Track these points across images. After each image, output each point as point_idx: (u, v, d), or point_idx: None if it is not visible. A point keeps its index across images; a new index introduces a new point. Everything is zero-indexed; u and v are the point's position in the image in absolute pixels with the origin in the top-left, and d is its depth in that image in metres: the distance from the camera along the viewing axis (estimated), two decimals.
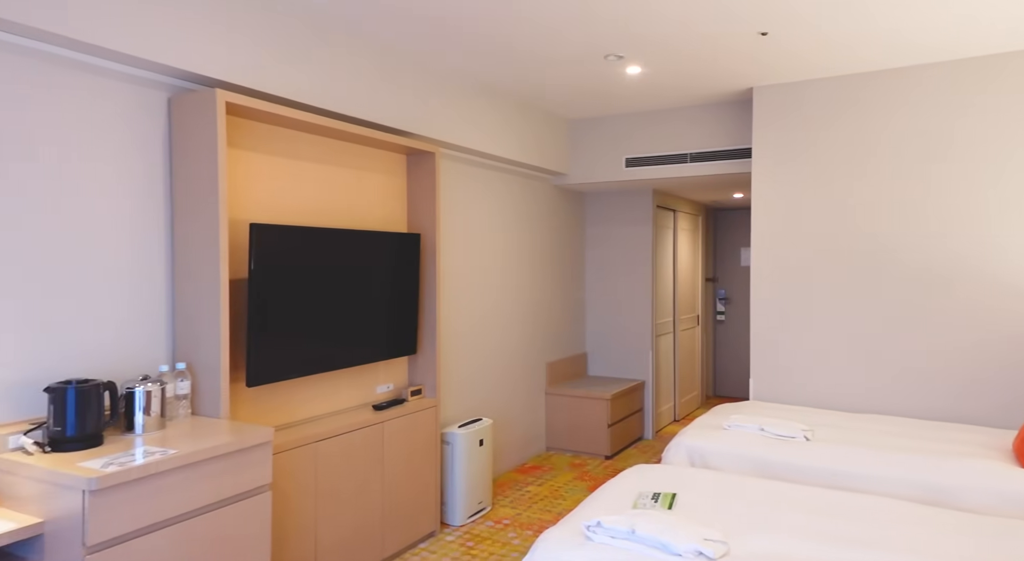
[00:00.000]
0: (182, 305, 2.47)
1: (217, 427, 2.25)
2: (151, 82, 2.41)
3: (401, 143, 3.27)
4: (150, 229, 2.42)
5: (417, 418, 3.34)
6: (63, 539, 1.75)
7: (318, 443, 2.77)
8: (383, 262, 3.22)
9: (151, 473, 1.85)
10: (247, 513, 2.15)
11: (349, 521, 2.91)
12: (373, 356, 3.18)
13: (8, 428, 1.96)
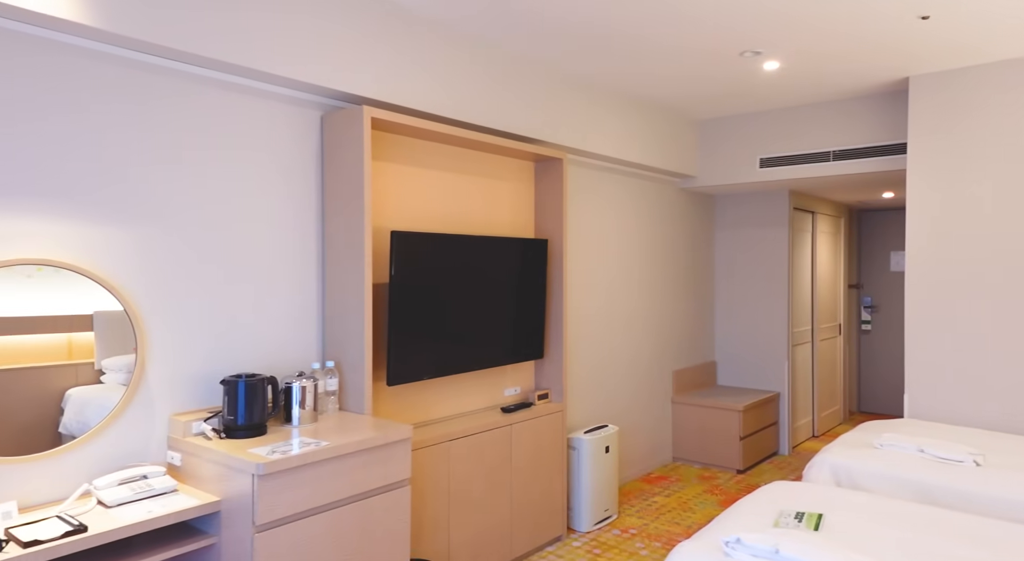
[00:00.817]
0: (331, 308, 2.67)
1: (362, 422, 2.40)
2: (308, 102, 2.63)
3: (529, 150, 3.33)
4: (305, 239, 2.64)
5: (544, 422, 3.37)
6: (236, 517, 1.95)
7: (451, 442, 2.88)
8: (512, 267, 3.29)
9: (308, 462, 2.01)
10: (389, 505, 2.27)
11: (479, 519, 3.00)
12: (501, 359, 3.26)
13: (192, 415, 2.21)
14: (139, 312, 2.15)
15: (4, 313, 1.85)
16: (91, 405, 2.02)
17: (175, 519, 1.89)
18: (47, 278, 1.93)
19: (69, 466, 1.99)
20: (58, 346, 1.95)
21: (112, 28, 1.95)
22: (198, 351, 2.30)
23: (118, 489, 1.95)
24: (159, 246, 2.21)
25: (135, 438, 2.14)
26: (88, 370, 2.02)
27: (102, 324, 2.04)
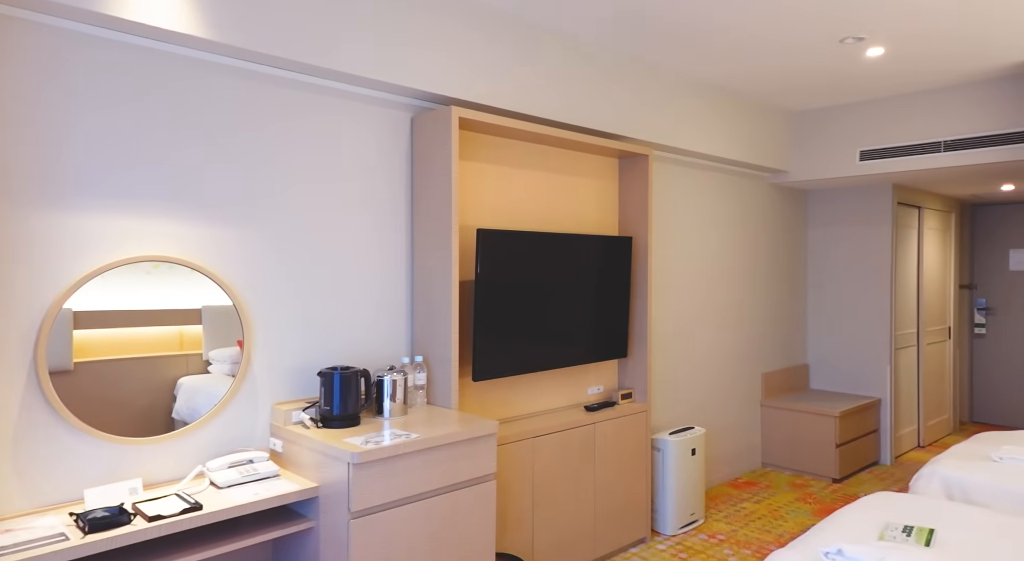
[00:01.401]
0: (419, 304, 2.74)
1: (449, 416, 2.46)
2: (399, 104, 2.71)
3: (614, 147, 3.29)
4: (395, 237, 2.72)
5: (627, 422, 3.33)
6: (333, 503, 2.04)
7: (535, 439, 2.90)
8: (595, 265, 3.26)
9: (399, 453, 2.08)
10: (476, 498, 2.31)
11: (563, 517, 3.00)
12: (585, 358, 3.24)
13: (291, 405, 2.33)
14: (246, 307, 2.29)
15: (126, 306, 2.02)
16: (200, 393, 2.17)
17: (278, 502, 2.00)
18: (162, 275, 2.09)
19: (184, 448, 2.15)
20: (171, 338, 2.10)
21: (221, 38, 2.08)
22: (296, 344, 2.42)
23: (228, 472, 2.09)
24: (261, 245, 2.34)
25: (241, 424, 2.28)
26: (197, 360, 2.16)
27: (209, 318, 2.18)
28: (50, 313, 1.88)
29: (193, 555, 1.83)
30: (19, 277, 1.85)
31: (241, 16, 2.12)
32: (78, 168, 1.95)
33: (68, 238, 1.93)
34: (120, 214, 2.02)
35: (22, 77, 1.85)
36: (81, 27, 1.94)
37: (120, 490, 1.91)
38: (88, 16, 1.89)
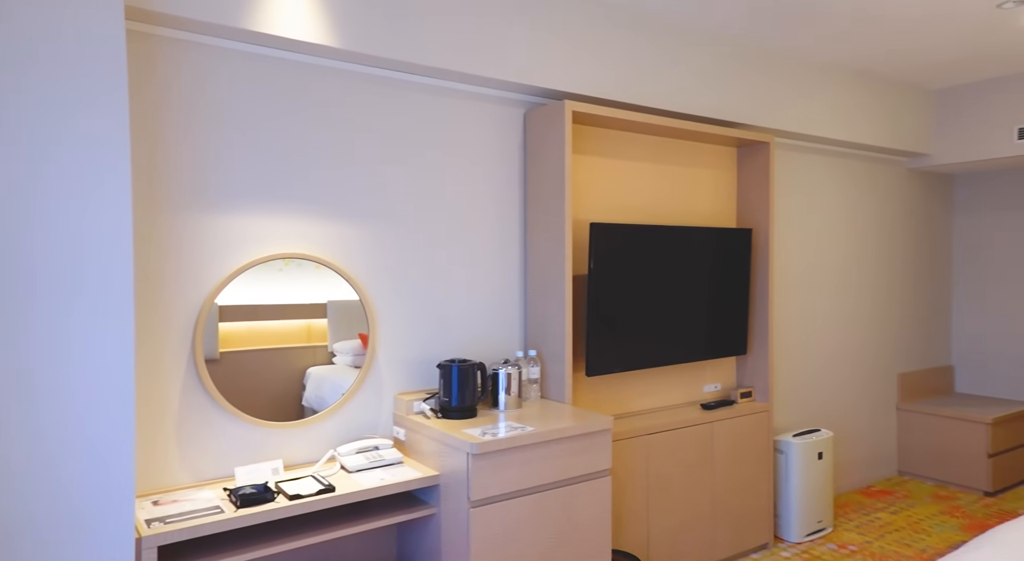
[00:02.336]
0: (533, 298, 2.77)
1: (563, 411, 2.46)
2: (512, 101, 2.74)
3: (732, 135, 3.15)
4: (509, 232, 2.76)
5: (747, 421, 3.19)
6: (453, 492, 2.11)
7: (650, 436, 2.84)
8: (712, 259, 3.15)
9: (516, 445, 2.11)
10: (591, 493, 2.30)
11: (678, 517, 2.92)
12: (701, 354, 3.14)
13: (412, 395, 2.43)
14: (370, 300, 2.41)
15: (261, 301, 2.18)
16: (326, 382, 2.31)
17: (403, 488, 2.10)
18: (292, 272, 2.24)
19: (317, 433, 2.30)
20: (300, 330, 2.26)
21: (349, 46, 2.20)
22: (416, 336, 2.52)
23: (356, 457, 2.21)
24: (383, 241, 2.45)
25: (367, 412, 2.41)
26: (323, 352, 2.31)
27: (333, 312, 2.32)
28: (205, 306, 2.08)
29: (326, 534, 1.96)
30: (180, 274, 2.05)
31: (367, 26, 2.23)
32: (225, 176, 2.13)
33: (218, 238, 2.12)
34: (259, 216, 2.20)
35: (177, 93, 2.05)
36: (226, 43, 2.12)
37: (264, 469, 2.08)
38: (233, 33, 2.06)
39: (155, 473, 2.01)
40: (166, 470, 2.02)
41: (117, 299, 1.60)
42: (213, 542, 1.87)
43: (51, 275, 1.54)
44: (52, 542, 1.54)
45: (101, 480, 1.59)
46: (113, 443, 1.60)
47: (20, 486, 1.51)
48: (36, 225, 1.53)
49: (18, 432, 1.51)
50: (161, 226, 2.03)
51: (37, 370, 1.52)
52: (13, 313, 1.50)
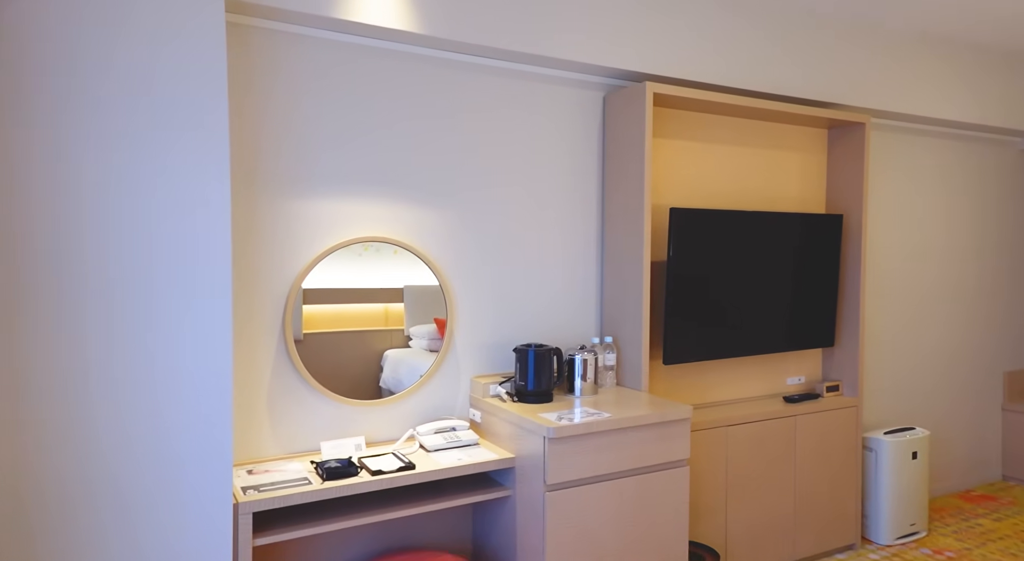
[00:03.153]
0: (609, 285, 2.73)
1: (639, 399, 2.43)
2: (591, 84, 2.71)
3: (823, 116, 2.99)
4: (586, 217, 2.74)
5: (834, 417, 3.05)
6: (528, 474, 2.13)
7: (728, 427, 2.76)
8: (798, 246, 3.01)
9: (592, 431, 2.10)
10: (668, 483, 2.26)
11: (758, 512, 2.84)
12: (785, 345, 3.01)
13: (488, 378, 2.46)
14: (449, 283, 2.45)
15: (341, 285, 2.25)
16: (402, 365, 2.37)
17: (480, 469, 2.13)
18: (370, 257, 2.30)
19: (397, 413, 2.37)
20: (377, 314, 2.32)
21: (431, 32, 2.22)
22: (492, 320, 2.55)
23: (434, 437, 2.26)
24: (460, 226, 2.48)
25: (444, 394, 2.45)
26: (399, 336, 2.36)
27: (410, 297, 2.37)
28: (293, 288, 2.17)
29: (406, 510, 2.02)
30: (270, 259, 2.15)
31: (455, 12, 2.24)
32: (310, 162, 2.21)
33: (306, 222, 2.20)
34: (343, 201, 2.26)
35: (266, 80, 2.14)
36: (314, 32, 2.18)
37: (348, 445, 2.16)
38: (321, 22, 2.12)
39: (249, 445, 2.12)
40: (259, 442, 2.14)
41: (218, 288, 1.70)
42: (300, 511, 1.96)
43: (164, 270, 1.64)
44: (164, 504, 1.65)
45: (205, 450, 1.69)
46: (214, 417, 1.70)
47: (139, 455, 1.63)
48: (143, 219, 1.63)
49: (139, 408, 1.63)
50: (253, 213, 2.13)
51: (157, 355, 1.64)
52: (135, 304, 1.61)
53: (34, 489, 1.53)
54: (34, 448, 1.53)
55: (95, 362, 1.59)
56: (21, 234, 1.52)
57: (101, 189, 1.59)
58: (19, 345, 1.52)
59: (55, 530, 1.56)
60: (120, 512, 1.62)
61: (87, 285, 1.58)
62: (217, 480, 1.71)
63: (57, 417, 1.55)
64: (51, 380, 1.55)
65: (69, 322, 1.56)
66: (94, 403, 1.59)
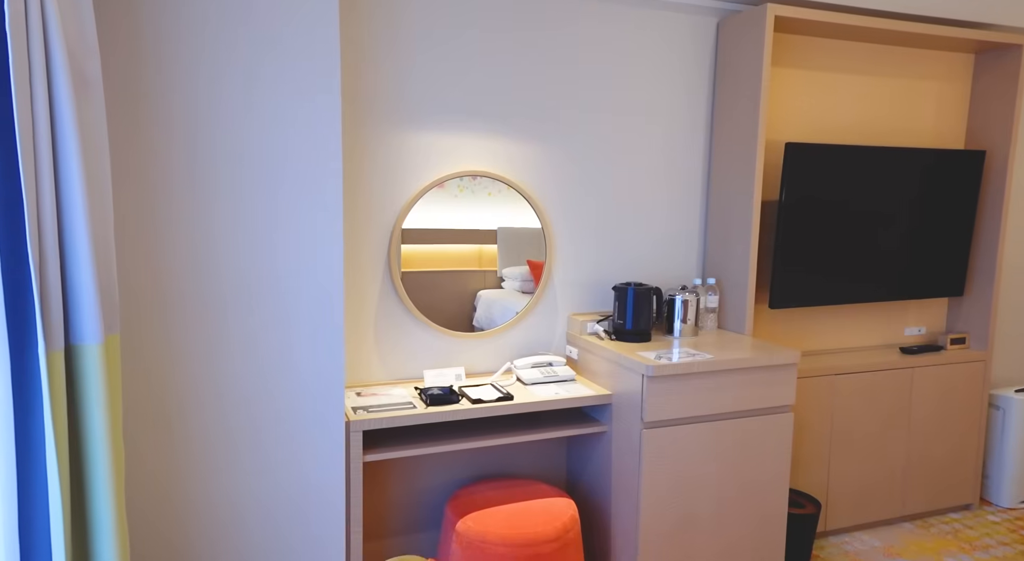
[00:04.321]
0: (715, 224, 2.62)
1: (742, 342, 2.35)
2: (704, 9, 2.53)
3: (971, 38, 2.65)
4: (692, 153, 2.61)
5: (957, 371, 2.83)
6: (625, 412, 2.13)
7: (836, 376, 2.63)
8: (929, 185, 2.74)
9: (692, 371, 2.06)
10: (770, 428, 2.20)
11: (865, 465, 2.72)
12: (905, 292, 2.80)
13: (585, 316, 2.45)
14: (548, 218, 2.43)
15: (437, 225, 2.28)
16: (495, 305, 2.39)
17: (577, 403, 2.15)
18: (464, 199, 2.30)
19: (494, 347, 2.41)
20: (471, 255, 2.34)
21: None
22: (591, 258, 2.51)
23: (532, 371, 2.30)
24: (561, 161, 2.43)
25: (541, 330, 2.47)
26: (492, 277, 2.38)
27: (503, 238, 2.37)
28: (398, 221, 2.23)
29: (502, 439, 2.08)
30: (375, 189, 2.21)
31: None
32: (411, 94, 2.21)
33: (409, 155, 2.23)
34: (444, 133, 2.27)
35: (370, 12, 2.14)
36: None
37: (449, 374, 2.24)
38: None
39: (359, 370, 2.24)
40: (367, 368, 2.25)
41: (331, 219, 1.76)
42: (405, 433, 2.07)
43: (284, 192, 1.72)
44: (287, 421, 1.79)
45: (322, 373, 1.81)
46: (329, 342, 1.80)
47: (267, 369, 1.76)
48: (259, 146, 1.70)
49: (269, 329, 1.74)
50: (358, 142, 2.17)
51: (282, 276, 1.74)
52: (270, 229, 1.71)
53: (177, 410, 1.70)
54: (180, 373, 1.69)
55: (230, 288, 1.71)
56: (166, 154, 1.63)
57: (227, 116, 1.67)
58: (166, 265, 1.65)
59: (197, 440, 1.72)
60: (251, 427, 1.76)
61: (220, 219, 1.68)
62: (331, 401, 1.83)
63: (200, 344, 1.69)
64: (195, 305, 1.68)
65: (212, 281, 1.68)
66: (230, 328, 1.72)
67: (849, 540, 2.67)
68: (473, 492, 2.19)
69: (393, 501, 2.30)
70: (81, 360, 1.09)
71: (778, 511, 2.24)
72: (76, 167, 1.09)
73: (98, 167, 1.15)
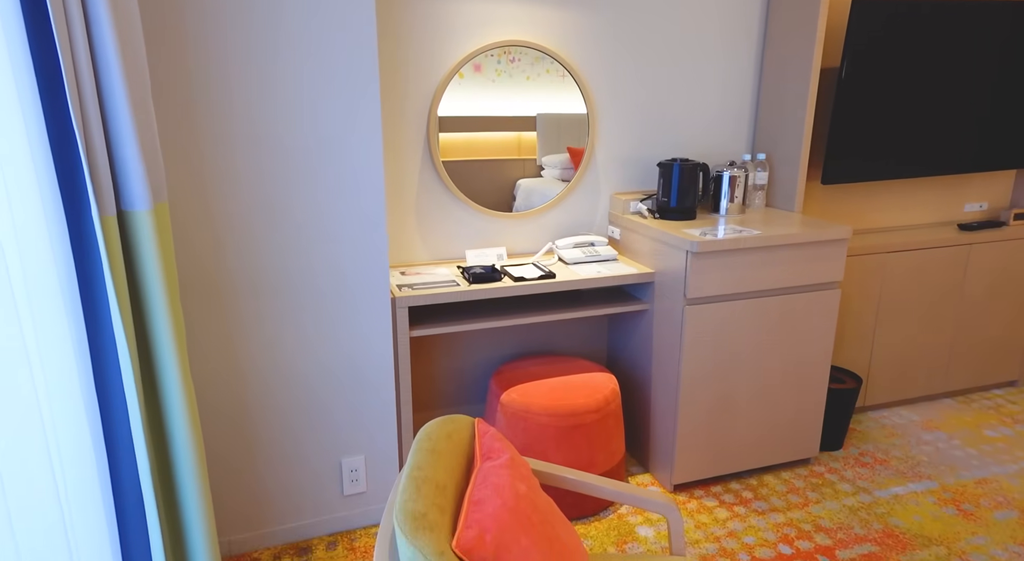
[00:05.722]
0: (768, 96, 2.46)
1: (791, 219, 2.27)
2: None
3: None
4: (747, 15, 2.41)
5: (1017, 247, 2.72)
6: (667, 289, 2.12)
7: (887, 254, 2.56)
8: (1009, 44, 2.50)
9: (738, 247, 2.02)
10: (815, 305, 2.18)
11: (910, 341, 2.69)
12: (966, 165, 2.64)
13: (629, 195, 2.39)
14: (590, 91, 2.32)
15: (474, 113, 2.19)
16: (535, 193, 2.34)
17: (619, 282, 2.15)
18: (502, 84, 2.19)
19: (536, 227, 2.39)
20: (510, 143, 2.26)
21: None
22: (635, 134, 2.42)
23: (573, 250, 2.28)
24: (604, 30, 2.27)
25: (583, 210, 2.43)
26: (532, 165, 2.31)
27: (542, 125, 2.27)
28: (436, 96, 2.15)
29: (544, 316, 2.11)
30: (411, 64, 2.12)
31: None
32: None
33: (443, 24, 2.11)
34: (479, 2, 2.13)
35: None
36: None
37: (491, 254, 2.25)
38: None
39: (402, 250, 2.26)
40: (410, 248, 2.27)
41: (369, 97, 1.70)
42: (449, 311, 2.11)
43: (324, 71, 1.66)
44: (334, 292, 1.84)
45: (366, 249, 1.82)
46: (372, 216, 1.80)
47: (312, 239, 1.78)
48: (291, 30, 1.62)
49: (309, 212, 1.75)
50: (391, 14, 2.06)
51: (324, 148, 1.72)
52: (313, 100, 1.66)
53: (229, 282, 1.75)
54: (231, 245, 1.72)
55: (273, 160, 1.70)
56: (199, 21, 1.57)
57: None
58: (210, 135, 1.64)
59: (251, 309, 1.79)
60: (312, 301, 1.82)
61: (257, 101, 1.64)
62: (378, 275, 1.86)
63: (255, 226, 1.71)
64: (241, 179, 1.68)
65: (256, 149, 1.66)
66: (273, 204, 1.72)
67: (888, 415, 2.71)
68: (516, 367, 2.26)
69: (441, 376, 2.40)
70: (133, 226, 1.11)
71: (819, 386, 2.27)
72: (109, 30, 1.05)
73: (130, 30, 1.12)
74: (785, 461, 2.31)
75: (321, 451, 1.94)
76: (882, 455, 2.41)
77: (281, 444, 1.89)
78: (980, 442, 2.49)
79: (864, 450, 2.45)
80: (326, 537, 2.00)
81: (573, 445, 2.03)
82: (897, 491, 2.20)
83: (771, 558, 1.90)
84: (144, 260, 1.11)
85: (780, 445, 2.29)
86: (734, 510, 2.11)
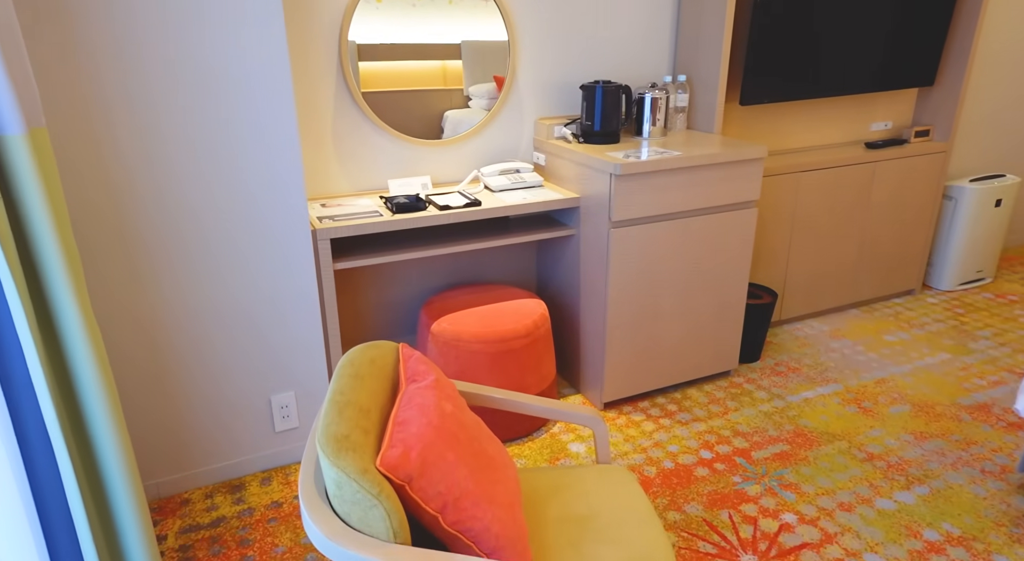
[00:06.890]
0: (687, 18, 2.45)
1: (711, 140, 2.31)
2: None
3: None
4: None
5: (917, 163, 2.87)
6: (592, 213, 2.13)
7: (801, 173, 2.65)
8: None
9: (660, 169, 2.04)
10: (734, 224, 2.25)
11: (821, 258, 2.85)
12: (873, 84, 2.74)
13: (554, 120, 2.36)
14: (511, 14, 2.24)
15: (394, 40, 2.08)
16: (463, 124, 2.28)
17: (545, 207, 2.14)
18: (424, 8, 2.08)
19: (460, 154, 2.34)
20: (435, 72, 2.17)
21: None
22: (558, 57, 2.37)
23: (499, 178, 2.26)
24: None
25: (508, 137, 2.39)
26: (459, 96, 2.23)
27: (468, 53, 2.19)
28: (346, 16, 2.02)
29: (471, 244, 2.09)
30: None
31: None
32: None
33: None
34: None
35: None
36: None
37: (415, 183, 2.19)
38: None
39: (320, 182, 2.17)
40: (329, 179, 2.19)
41: (273, 14, 1.58)
42: (374, 242, 2.06)
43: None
44: (246, 226, 1.75)
45: (280, 177, 1.74)
46: (284, 145, 1.71)
47: (219, 178, 1.68)
48: None
49: (214, 139, 1.63)
50: None
51: (223, 72, 1.59)
52: (211, 40, 1.52)
53: (134, 223, 1.63)
54: (132, 184, 1.60)
55: (165, 85, 1.57)
56: None
57: None
58: (92, 59, 1.49)
59: (171, 248, 1.69)
60: (224, 233, 1.73)
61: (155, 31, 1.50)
62: (294, 209, 1.78)
63: (154, 153, 1.59)
64: (126, 107, 1.55)
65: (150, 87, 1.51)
66: (171, 132, 1.60)
67: (800, 327, 2.88)
68: (446, 298, 2.26)
69: (370, 309, 2.37)
70: (7, 151, 1.01)
71: (737, 302, 2.37)
72: None
73: None
74: (707, 374, 2.44)
75: (248, 389, 1.90)
76: (795, 364, 2.58)
77: (201, 383, 1.84)
78: (880, 346, 2.70)
79: (779, 360, 2.61)
80: (260, 474, 1.99)
81: (504, 370, 2.07)
82: (807, 395, 2.37)
83: (693, 463, 2.03)
84: (24, 187, 1.02)
85: (703, 360, 2.40)
86: (660, 422, 2.23)
